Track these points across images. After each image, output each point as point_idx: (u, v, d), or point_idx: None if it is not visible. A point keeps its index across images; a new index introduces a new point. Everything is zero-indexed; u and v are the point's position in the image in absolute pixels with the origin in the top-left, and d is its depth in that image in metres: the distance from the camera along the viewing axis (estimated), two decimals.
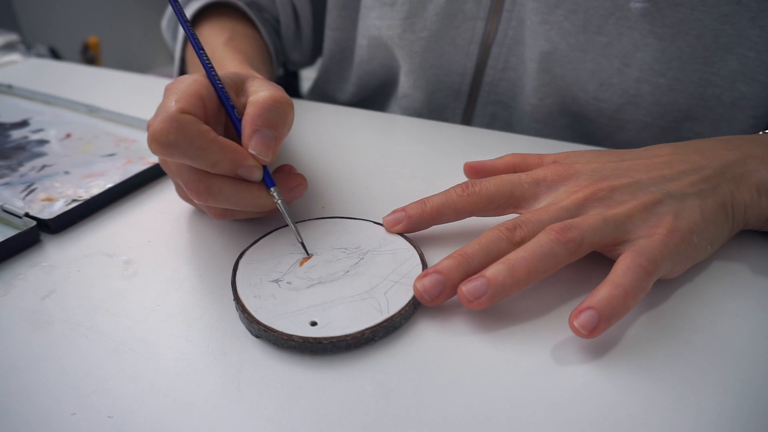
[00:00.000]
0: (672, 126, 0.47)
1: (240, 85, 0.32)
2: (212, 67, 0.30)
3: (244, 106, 0.30)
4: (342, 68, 0.60)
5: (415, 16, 0.50)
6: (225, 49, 0.46)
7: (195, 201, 0.30)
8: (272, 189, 0.30)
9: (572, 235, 0.26)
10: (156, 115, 0.27)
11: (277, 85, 0.31)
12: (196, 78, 0.29)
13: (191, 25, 0.57)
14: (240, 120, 0.30)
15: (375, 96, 0.61)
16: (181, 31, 0.56)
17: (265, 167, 0.30)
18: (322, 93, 0.65)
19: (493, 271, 0.25)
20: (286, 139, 0.46)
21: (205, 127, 0.27)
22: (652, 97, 0.45)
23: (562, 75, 0.47)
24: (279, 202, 0.30)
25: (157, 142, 0.26)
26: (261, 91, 0.30)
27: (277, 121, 0.29)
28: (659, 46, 0.43)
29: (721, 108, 0.45)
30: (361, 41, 0.55)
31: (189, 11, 0.55)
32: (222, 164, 0.27)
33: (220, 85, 0.30)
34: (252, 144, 0.28)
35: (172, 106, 0.27)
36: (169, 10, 0.59)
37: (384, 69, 0.57)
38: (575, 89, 0.47)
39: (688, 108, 0.45)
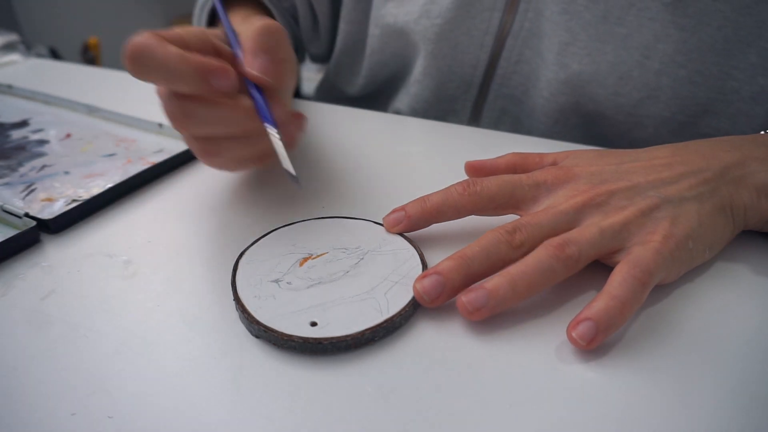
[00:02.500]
0: (690, 121, 0.46)
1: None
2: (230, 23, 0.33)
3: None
4: (354, 62, 0.60)
5: (433, 3, 0.50)
6: (242, 24, 0.48)
7: (178, 130, 0.31)
8: (267, 126, 0.30)
9: (570, 251, 0.26)
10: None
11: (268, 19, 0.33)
12: (188, 27, 0.31)
13: (212, 15, 0.58)
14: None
15: (384, 88, 0.61)
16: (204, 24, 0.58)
17: (261, 99, 0.30)
18: (330, 87, 0.65)
19: (494, 283, 0.26)
20: None
21: (170, 44, 0.28)
22: (671, 90, 0.45)
23: (581, 69, 0.46)
24: (272, 135, 0.30)
25: (127, 57, 0.28)
26: (255, 24, 0.32)
27: (271, 45, 0.31)
28: (680, 36, 0.42)
29: (741, 102, 0.45)
30: (374, 31, 0.55)
31: (209, 4, 0.56)
32: (189, 76, 0.28)
33: (231, 30, 0.32)
34: (254, 65, 0.30)
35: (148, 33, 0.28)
36: (197, 5, 0.60)
37: (396, 58, 0.56)
38: (594, 85, 0.47)
39: (707, 102, 0.45)
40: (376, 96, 0.62)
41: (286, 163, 0.29)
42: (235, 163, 0.34)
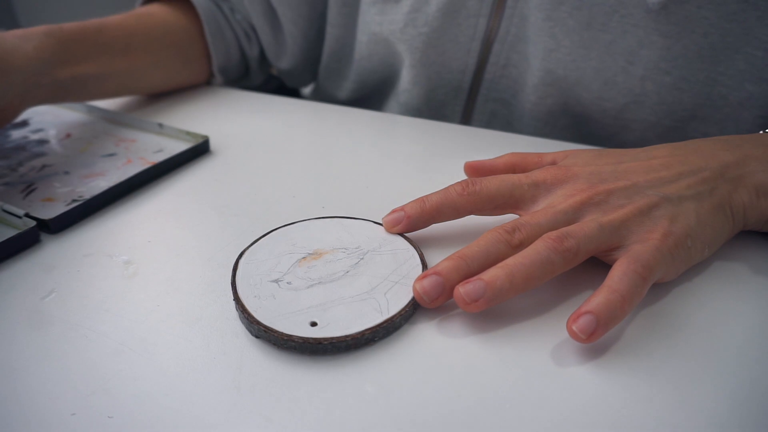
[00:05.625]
0: (677, 126, 0.46)
1: None
2: None
3: None
4: (341, 66, 0.60)
5: (418, 11, 0.50)
6: (86, 23, 0.48)
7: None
8: None
9: (569, 244, 0.26)
10: None
11: None
12: None
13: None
14: None
15: (374, 93, 0.61)
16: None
17: None
18: (322, 91, 0.65)
19: (492, 274, 0.26)
20: (286, 138, 0.46)
21: None
22: (657, 96, 0.45)
23: (566, 74, 0.47)
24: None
25: None
26: None
27: None
28: (664, 43, 0.42)
29: (728, 108, 0.45)
30: (361, 38, 0.55)
31: None
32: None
33: None
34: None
35: None
36: None
37: (384, 65, 0.57)
38: (579, 89, 0.47)
39: (694, 107, 0.45)
40: (366, 102, 0.62)
41: None
42: None
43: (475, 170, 0.35)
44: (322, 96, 0.65)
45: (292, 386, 0.23)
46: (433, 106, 0.56)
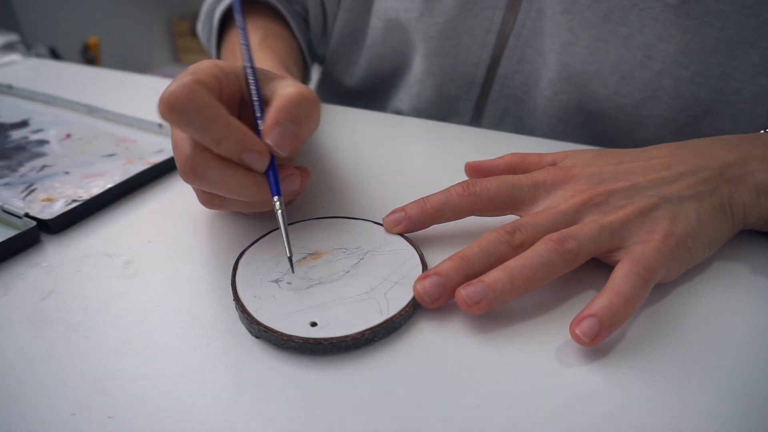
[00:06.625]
0: (692, 121, 0.46)
1: (267, 82, 0.31)
2: (250, 56, 0.31)
3: (267, 102, 0.30)
4: (351, 51, 0.60)
5: (435, 0, 0.50)
6: (259, 49, 0.46)
7: (185, 181, 0.28)
8: (276, 198, 0.29)
9: (569, 245, 0.26)
10: (171, 82, 0.26)
11: (305, 86, 0.30)
12: (217, 62, 0.29)
13: (222, 25, 0.56)
14: (263, 111, 0.29)
15: (383, 82, 0.61)
16: (215, 32, 0.57)
17: (274, 172, 0.29)
18: (330, 79, 0.65)
19: (493, 276, 0.26)
20: None
21: (217, 102, 0.27)
22: (673, 90, 0.45)
23: (583, 69, 0.46)
24: (279, 212, 0.29)
25: (167, 104, 0.26)
26: (290, 87, 0.29)
27: (301, 117, 0.28)
28: (683, 38, 0.42)
29: (742, 103, 0.45)
30: (376, 23, 0.55)
31: (219, 9, 0.55)
32: (227, 143, 0.27)
33: (252, 72, 0.30)
34: (272, 135, 0.27)
35: (188, 76, 0.26)
36: (203, 11, 0.59)
37: (396, 53, 0.56)
38: (595, 84, 0.47)
39: (709, 102, 0.45)
40: (376, 92, 0.62)
41: (287, 244, 0.28)
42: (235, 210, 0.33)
43: (475, 171, 0.35)
44: (330, 82, 0.65)
45: (292, 386, 0.23)
46: (445, 100, 0.55)
